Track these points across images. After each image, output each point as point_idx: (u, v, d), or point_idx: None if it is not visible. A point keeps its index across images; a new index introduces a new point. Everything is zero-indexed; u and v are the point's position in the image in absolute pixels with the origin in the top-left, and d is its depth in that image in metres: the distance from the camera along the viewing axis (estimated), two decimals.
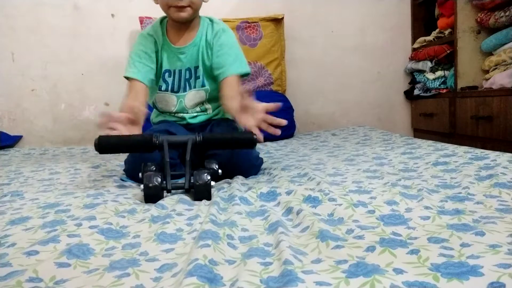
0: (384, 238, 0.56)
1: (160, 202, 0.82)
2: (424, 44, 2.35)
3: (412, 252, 0.50)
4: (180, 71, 1.29)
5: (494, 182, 0.80)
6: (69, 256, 0.53)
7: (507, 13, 1.73)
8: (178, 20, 1.23)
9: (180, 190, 0.92)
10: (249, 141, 0.95)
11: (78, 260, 0.53)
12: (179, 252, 0.56)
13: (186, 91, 1.30)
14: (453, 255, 0.49)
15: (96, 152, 0.93)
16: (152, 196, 0.84)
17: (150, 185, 0.84)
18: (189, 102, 1.31)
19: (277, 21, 2.31)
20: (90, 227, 0.66)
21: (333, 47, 2.47)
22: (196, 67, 1.29)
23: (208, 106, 1.34)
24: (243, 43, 2.23)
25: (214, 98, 1.32)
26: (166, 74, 1.29)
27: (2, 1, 2.30)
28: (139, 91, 1.21)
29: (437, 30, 2.24)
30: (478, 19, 1.93)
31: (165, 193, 0.89)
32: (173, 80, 1.29)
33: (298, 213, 0.70)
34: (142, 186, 0.85)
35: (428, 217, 0.64)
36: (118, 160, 1.48)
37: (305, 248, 0.54)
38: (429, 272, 0.45)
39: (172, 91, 1.30)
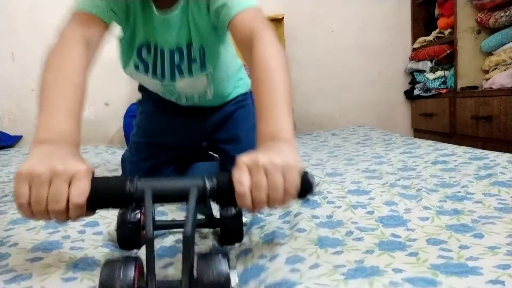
0: (383, 240, 0.56)
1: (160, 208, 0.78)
2: (424, 44, 2.35)
3: (411, 254, 0.50)
4: (162, 52, 0.86)
5: (493, 181, 0.81)
6: (75, 270, 0.52)
7: (507, 13, 1.73)
8: None
9: None
10: (304, 190, 0.50)
11: (85, 272, 0.52)
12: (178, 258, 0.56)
13: (175, 80, 0.90)
14: (452, 256, 0.49)
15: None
16: None
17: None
18: (183, 89, 0.94)
19: (277, 21, 2.31)
20: (94, 233, 0.66)
21: (333, 47, 2.47)
22: (189, 45, 0.85)
23: (209, 90, 0.96)
24: None
25: (218, 78, 0.95)
26: (144, 50, 0.86)
27: (2, 1, 2.30)
28: (95, 36, 0.74)
29: (437, 30, 2.24)
30: (478, 19, 1.93)
31: None
32: (154, 61, 0.87)
33: (296, 216, 0.69)
34: None
35: (427, 218, 0.64)
36: (118, 160, 1.49)
37: (303, 253, 0.53)
38: (428, 270, 0.45)
39: (154, 75, 0.89)
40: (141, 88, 1.10)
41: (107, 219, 0.72)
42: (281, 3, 2.39)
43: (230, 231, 0.61)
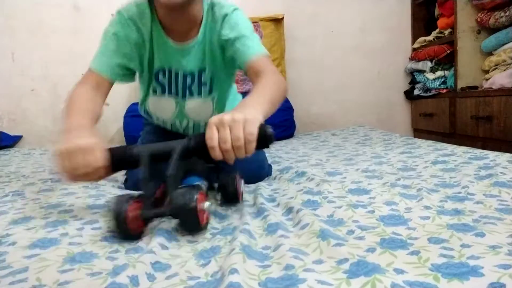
0: (385, 238, 0.56)
1: None
2: (424, 44, 2.35)
3: (413, 253, 0.50)
4: (176, 73, 1.00)
5: (493, 181, 0.81)
6: (72, 263, 0.53)
7: (507, 13, 1.74)
8: (168, 5, 0.86)
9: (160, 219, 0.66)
10: (263, 139, 0.64)
11: (82, 264, 0.53)
12: (173, 253, 0.56)
13: (185, 97, 1.04)
14: (453, 255, 0.49)
15: None
16: (121, 230, 0.59)
17: (116, 214, 0.58)
18: (191, 112, 1.06)
19: (277, 21, 2.31)
20: (93, 229, 0.66)
21: (333, 47, 2.47)
22: (202, 71, 1.00)
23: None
24: None
25: (222, 105, 1.09)
26: (160, 74, 1.01)
27: (2, 1, 2.30)
28: (100, 85, 0.92)
29: (437, 30, 2.24)
30: (478, 19, 1.93)
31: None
32: (170, 81, 1.01)
33: (298, 212, 0.70)
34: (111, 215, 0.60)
35: (428, 217, 0.64)
36: None
37: (307, 248, 0.54)
38: (429, 272, 0.45)
39: (170, 94, 1.03)
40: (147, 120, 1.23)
41: (106, 218, 0.72)
42: (281, 3, 2.40)
43: (228, 195, 0.77)
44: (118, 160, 0.69)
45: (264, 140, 0.63)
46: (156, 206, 0.64)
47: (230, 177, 0.76)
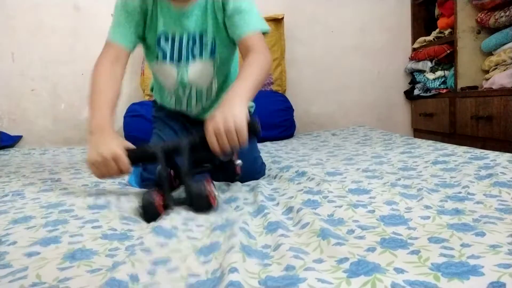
0: (385, 238, 0.56)
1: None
2: (424, 44, 2.35)
3: (413, 252, 0.50)
4: (181, 37, 1.03)
5: (494, 181, 0.81)
6: (72, 261, 0.53)
7: (507, 13, 1.74)
8: None
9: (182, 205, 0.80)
10: (250, 129, 0.80)
11: (82, 261, 0.53)
12: (173, 248, 0.57)
13: (188, 61, 1.05)
14: (453, 255, 0.49)
15: None
16: (150, 216, 0.75)
17: (147, 204, 0.75)
18: (193, 76, 1.07)
19: (277, 21, 2.31)
20: (94, 228, 0.66)
21: (333, 47, 2.47)
22: (203, 33, 1.03)
23: (214, 86, 1.11)
24: None
25: (222, 72, 1.11)
26: (162, 39, 1.03)
27: (2, 1, 2.30)
28: (119, 57, 0.98)
29: (437, 30, 2.24)
30: (478, 19, 1.93)
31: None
32: (172, 46, 1.04)
33: (298, 211, 0.70)
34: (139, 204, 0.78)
35: (428, 217, 0.64)
36: None
37: (307, 248, 0.54)
38: (429, 272, 0.45)
39: (171, 60, 1.05)
40: (157, 105, 1.26)
41: (107, 218, 0.73)
42: (281, 3, 2.40)
43: (227, 172, 0.97)
44: (137, 159, 0.85)
45: (252, 131, 0.80)
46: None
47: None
